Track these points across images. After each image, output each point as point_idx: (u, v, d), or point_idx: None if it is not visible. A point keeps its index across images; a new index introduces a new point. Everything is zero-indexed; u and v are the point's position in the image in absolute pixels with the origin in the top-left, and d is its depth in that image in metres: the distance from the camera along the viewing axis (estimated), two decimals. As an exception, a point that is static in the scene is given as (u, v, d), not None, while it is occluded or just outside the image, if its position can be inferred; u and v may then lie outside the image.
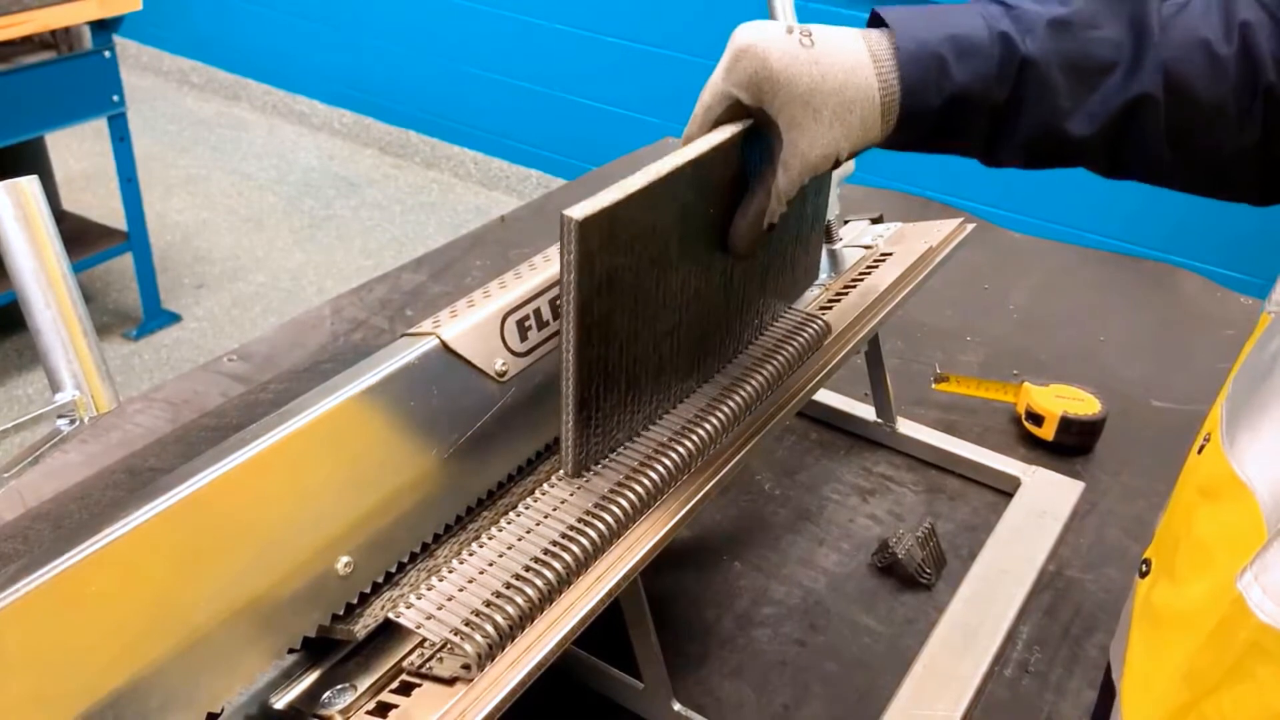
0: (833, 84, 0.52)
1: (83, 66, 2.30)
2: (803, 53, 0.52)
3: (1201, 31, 0.52)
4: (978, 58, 0.53)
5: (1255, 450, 0.39)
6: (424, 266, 1.24)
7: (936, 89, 0.53)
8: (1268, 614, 0.34)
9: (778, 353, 0.70)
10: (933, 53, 0.53)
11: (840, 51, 0.53)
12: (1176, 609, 0.41)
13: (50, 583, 0.40)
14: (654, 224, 0.55)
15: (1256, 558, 0.36)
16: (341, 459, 0.51)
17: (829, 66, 0.53)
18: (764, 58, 0.52)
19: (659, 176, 0.53)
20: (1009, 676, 0.74)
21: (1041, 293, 1.26)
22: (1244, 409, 0.41)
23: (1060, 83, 0.54)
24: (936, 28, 0.54)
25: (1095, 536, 0.87)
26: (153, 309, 2.69)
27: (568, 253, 0.50)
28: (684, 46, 2.95)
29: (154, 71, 4.40)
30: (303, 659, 0.51)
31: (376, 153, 3.76)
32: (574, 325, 0.52)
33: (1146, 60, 0.53)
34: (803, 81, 0.52)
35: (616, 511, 0.56)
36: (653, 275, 0.57)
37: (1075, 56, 0.53)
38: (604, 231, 0.51)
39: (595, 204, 0.50)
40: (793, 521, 0.88)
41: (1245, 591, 0.35)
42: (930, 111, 0.54)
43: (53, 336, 0.45)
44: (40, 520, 0.80)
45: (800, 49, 0.52)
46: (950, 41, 0.53)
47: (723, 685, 0.73)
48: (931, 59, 0.53)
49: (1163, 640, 0.42)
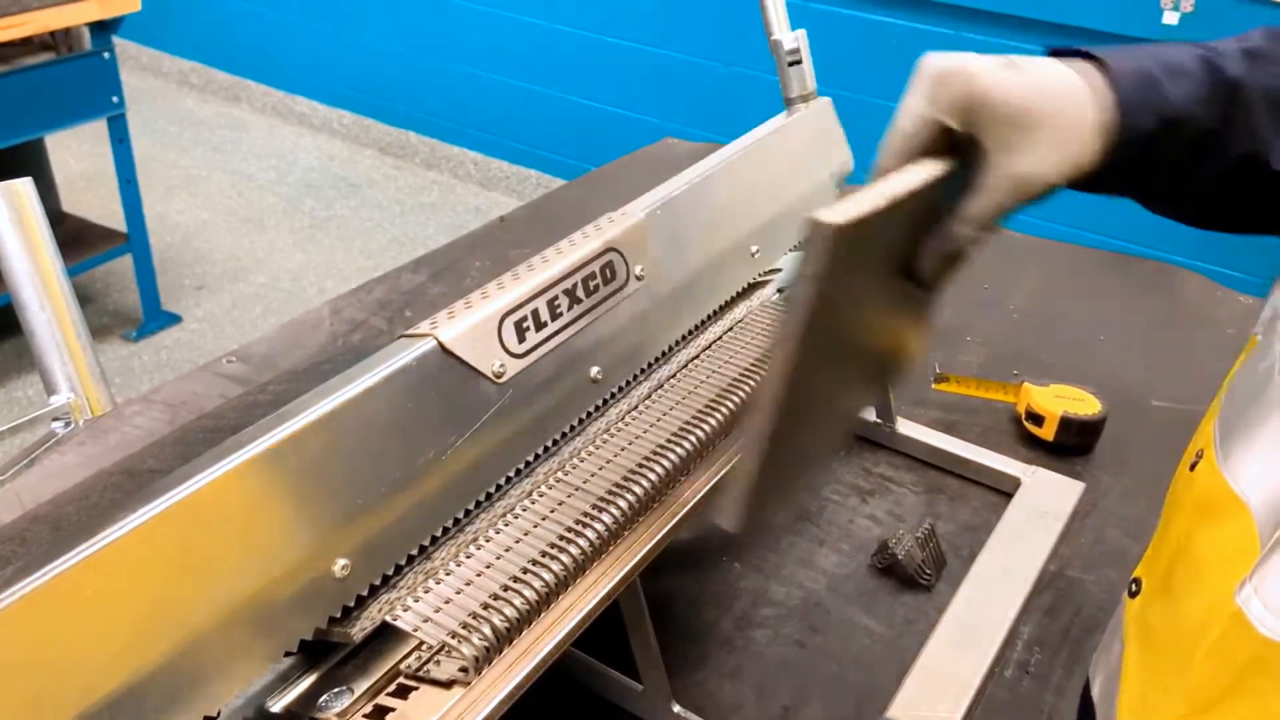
0: (1049, 105, 0.50)
1: (82, 68, 2.30)
2: (1012, 74, 0.50)
3: None
4: (1187, 78, 0.51)
5: (1250, 465, 0.39)
6: (423, 267, 1.24)
7: (1153, 109, 0.50)
8: (1269, 628, 0.34)
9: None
10: (1146, 70, 0.50)
11: (1050, 73, 0.51)
12: (1173, 626, 0.41)
13: (48, 585, 0.40)
14: (879, 245, 0.49)
15: (1255, 571, 0.35)
16: (340, 461, 0.50)
17: (1041, 87, 0.50)
18: (973, 77, 0.50)
19: (902, 194, 0.47)
20: (1009, 677, 0.74)
21: (1041, 292, 1.25)
22: (1238, 425, 0.41)
23: (1263, 111, 0.51)
24: (1141, 54, 0.52)
25: (1095, 536, 0.87)
26: (152, 310, 2.69)
27: (811, 261, 0.42)
28: (683, 47, 2.95)
29: (154, 72, 4.40)
30: (300, 662, 0.51)
31: (376, 153, 3.76)
32: (794, 347, 0.44)
33: None
34: (1015, 101, 0.49)
35: (615, 513, 0.56)
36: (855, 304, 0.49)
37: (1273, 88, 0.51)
38: (850, 243, 0.43)
39: (851, 210, 0.42)
40: (792, 522, 0.88)
41: (1244, 605, 0.35)
42: (1142, 136, 0.50)
43: (47, 339, 0.45)
44: (38, 522, 0.80)
45: (1007, 70, 0.50)
46: (1159, 63, 0.51)
47: (722, 687, 0.73)
48: (1145, 76, 0.50)
49: (1159, 659, 0.41)
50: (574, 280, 0.63)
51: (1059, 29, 2.30)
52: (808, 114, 0.87)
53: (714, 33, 2.87)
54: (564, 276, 0.62)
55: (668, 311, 0.70)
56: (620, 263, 0.66)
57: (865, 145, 1.02)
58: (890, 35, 2.54)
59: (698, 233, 0.73)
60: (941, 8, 2.43)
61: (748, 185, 0.79)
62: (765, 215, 0.80)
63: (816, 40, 0.88)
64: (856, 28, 2.58)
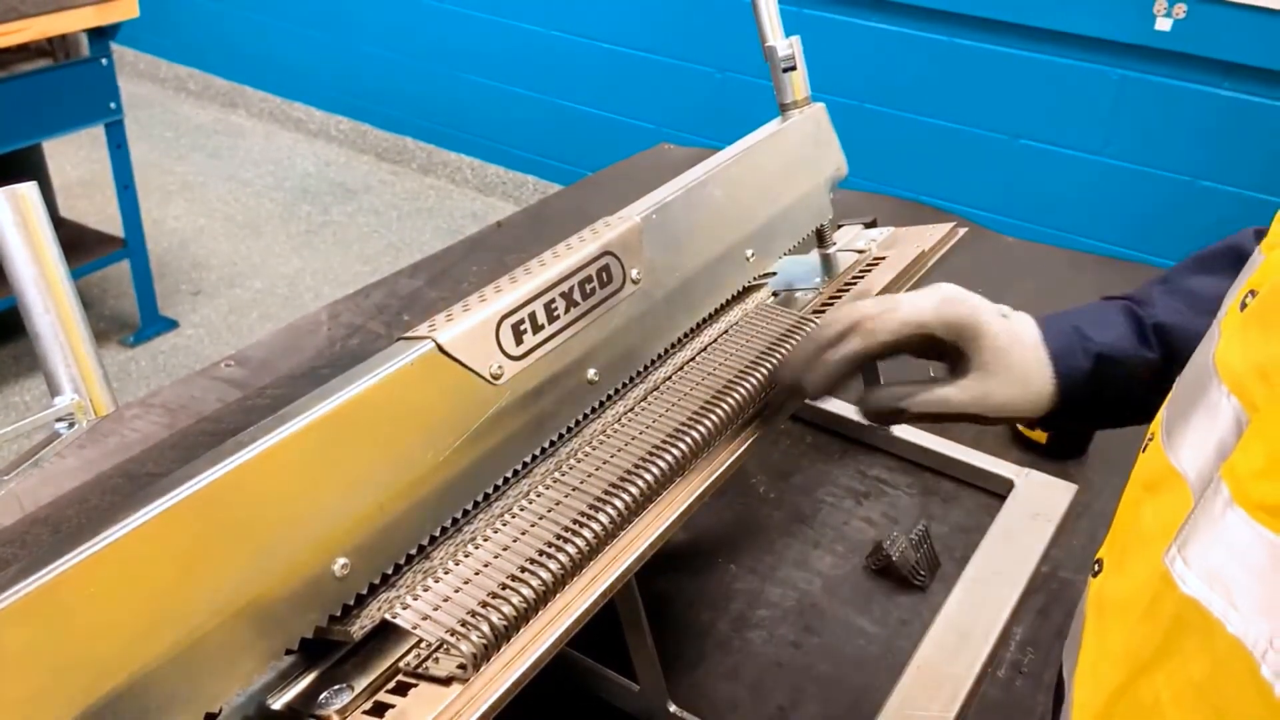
0: (1022, 351, 0.61)
1: (80, 74, 2.31)
2: (1002, 320, 0.62)
3: None
4: (1111, 325, 0.61)
5: (1187, 440, 0.41)
6: (420, 272, 1.25)
7: (1083, 351, 0.61)
8: (1189, 586, 0.35)
9: (772, 355, 0.71)
10: (1070, 324, 0.62)
11: (1027, 329, 0.62)
12: (1120, 596, 0.43)
13: (49, 585, 0.41)
14: None
15: (1179, 533, 0.37)
16: (338, 462, 0.51)
17: (1020, 337, 0.62)
18: (977, 310, 0.62)
19: None
20: (1002, 677, 0.75)
21: (1035, 297, 1.26)
22: (1180, 406, 0.44)
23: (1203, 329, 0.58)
24: (1070, 314, 0.64)
25: (1088, 538, 0.88)
26: (150, 315, 2.70)
27: None
28: (679, 53, 2.96)
29: (151, 79, 4.41)
30: (300, 660, 0.51)
31: (373, 159, 3.77)
32: None
33: None
34: (1002, 340, 0.61)
35: (611, 513, 0.57)
36: None
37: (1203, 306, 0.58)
38: None
39: None
40: (787, 524, 0.89)
41: (1170, 565, 0.37)
42: (1084, 372, 0.61)
43: (51, 341, 0.46)
44: (38, 525, 0.81)
45: (1000, 315, 0.62)
46: (1080, 317, 0.63)
47: (718, 687, 0.73)
48: (1070, 328, 0.62)
49: (1108, 629, 0.43)
50: (571, 283, 0.63)
51: (1053, 36, 2.32)
52: (802, 119, 0.88)
53: (709, 39, 2.88)
54: (561, 280, 0.63)
55: (664, 314, 0.71)
56: (616, 266, 0.67)
57: (859, 150, 1.03)
58: (884, 41, 2.56)
59: (693, 237, 0.74)
60: (935, 14, 2.45)
61: (742, 190, 0.80)
62: (760, 219, 0.80)
63: (810, 46, 0.88)
64: (850, 34, 2.60)
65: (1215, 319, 0.46)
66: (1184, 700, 0.35)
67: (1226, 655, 0.33)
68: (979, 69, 2.45)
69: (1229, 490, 0.35)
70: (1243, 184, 2.23)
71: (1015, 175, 2.47)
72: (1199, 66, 2.18)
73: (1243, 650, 0.33)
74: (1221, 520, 0.35)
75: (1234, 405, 0.39)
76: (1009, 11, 2.34)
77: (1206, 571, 0.35)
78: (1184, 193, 2.29)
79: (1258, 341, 0.39)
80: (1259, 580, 0.33)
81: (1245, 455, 0.36)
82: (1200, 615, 0.35)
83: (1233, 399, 0.39)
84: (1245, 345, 0.40)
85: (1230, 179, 2.24)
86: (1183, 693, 0.35)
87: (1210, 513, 0.36)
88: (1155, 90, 2.26)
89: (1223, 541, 0.35)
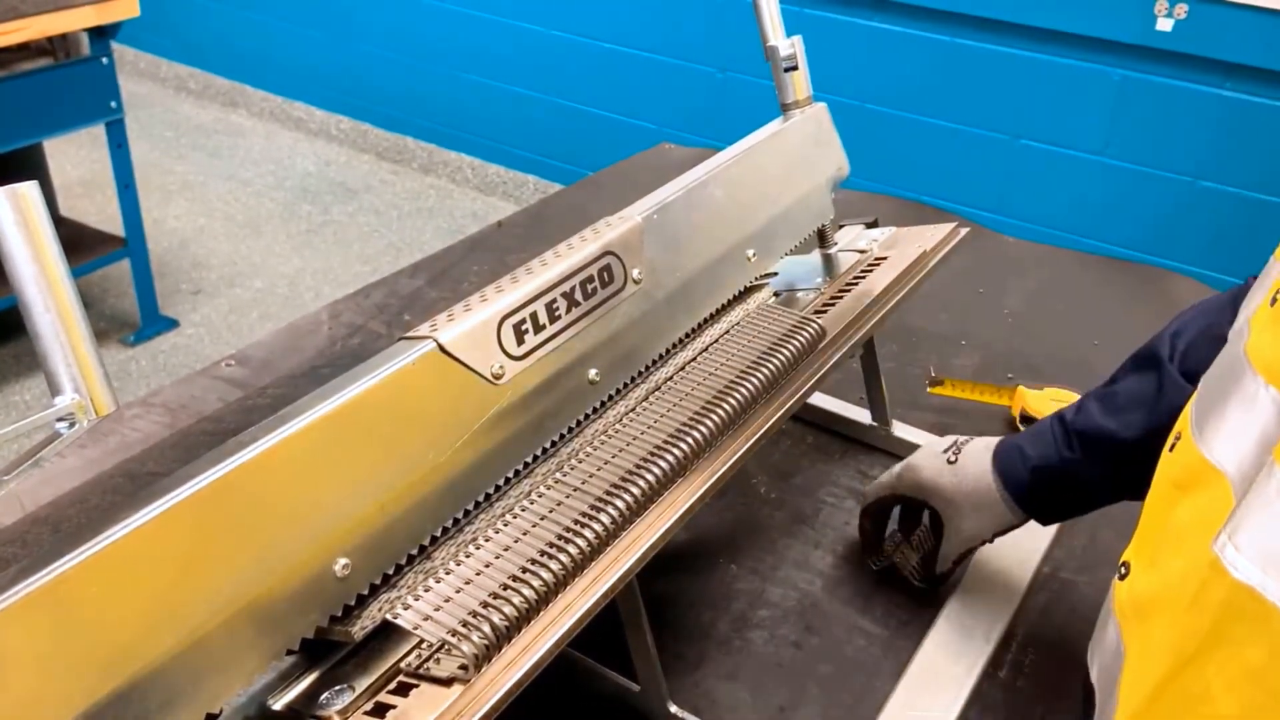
0: (967, 489, 0.74)
1: (80, 73, 2.31)
2: (947, 469, 0.75)
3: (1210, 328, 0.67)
4: (1042, 439, 0.72)
5: (1222, 435, 0.42)
6: (421, 271, 1.25)
7: (1022, 467, 0.72)
8: (1241, 571, 0.36)
9: (773, 356, 0.71)
10: (1015, 445, 0.74)
11: (974, 464, 0.75)
12: (1160, 592, 0.43)
13: (50, 585, 0.41)
14: None
15: (1228, 521, 0.38)
16: (339, 462, 0.51)
17: (964, 477, 0.74)
18: (918, 473, 0.77)
19: None
20: (1004, 678, 0.75)
21: (1035, 297, 1.26)
22: (1212, 406, 0.45)
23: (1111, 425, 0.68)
24: (1018, 437, 0.74)
25: (1089, 538, 0.88)
26: (150, 315, 2.69)
27: None
28: (680, 52, 2.96)
29: (151, 78, 4.41)
30: (301, 660, 0.51)
31: (374, 158, 3.77)
32: None
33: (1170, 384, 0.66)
34: (946, 490, 0.75)
35: (613, 513, 0.56)
36: None
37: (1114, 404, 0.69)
38: None
39: None
40: (788, 524, 0.89)
41: (1220, 553, 0.37)
42: (1024, 484, 0.72)
43: (52, 341, 0.46)
44: (39, 524, 0.81)
45: (946, 466, 0.76)
46: (1026, 436, 0.74)
47: (719, 687, 0.73)
48: (1014, 449, 0.73)
49: (1149, 626, 0.43)
50: (572, 283, 0.63)
51: (1054, 36, 2.32)
52: (803, 119, 0.88)
53: (710, 39, 2.88)
54: (562, 280, 0.63)
55: (665, 314, 0.71)
56: (618, 266, 0.67)
57: (860, 150, 1.03)
58: (885, 41, 2.56)
59: (694, 237, 0.74)
60: (937, 14, 2.45)
61: (744, 190, 0.79)
62: (761, 219, 0.80)
63: (812, 46, 0.88)
64: (852, 34, 2.59)
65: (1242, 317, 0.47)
66: (1238, 687, 0.36)
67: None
68: (980, 69, 2.45)
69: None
70: (1243, 184, 2.23)
71: (1016, 175, 2.46)
72: (1200, 67, 2.18)
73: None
74: (1277, 503, 0.35)
75: (1273, 394, 0.40)
76: (1010, 11, 2.34)
77: (1261, 556, 0.35)
78: (1185, 193, 2.29)
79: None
80: None
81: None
82: (1254, 601, 0.35)
83: (1270, 389, 0.40)
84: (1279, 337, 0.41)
85: (1231, 179, 2.24)
86: (1236, 680, 0.36)
87: (1264, 496, 0.36)
88: (1156, 91, 2.26)
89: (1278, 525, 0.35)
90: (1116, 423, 0.68)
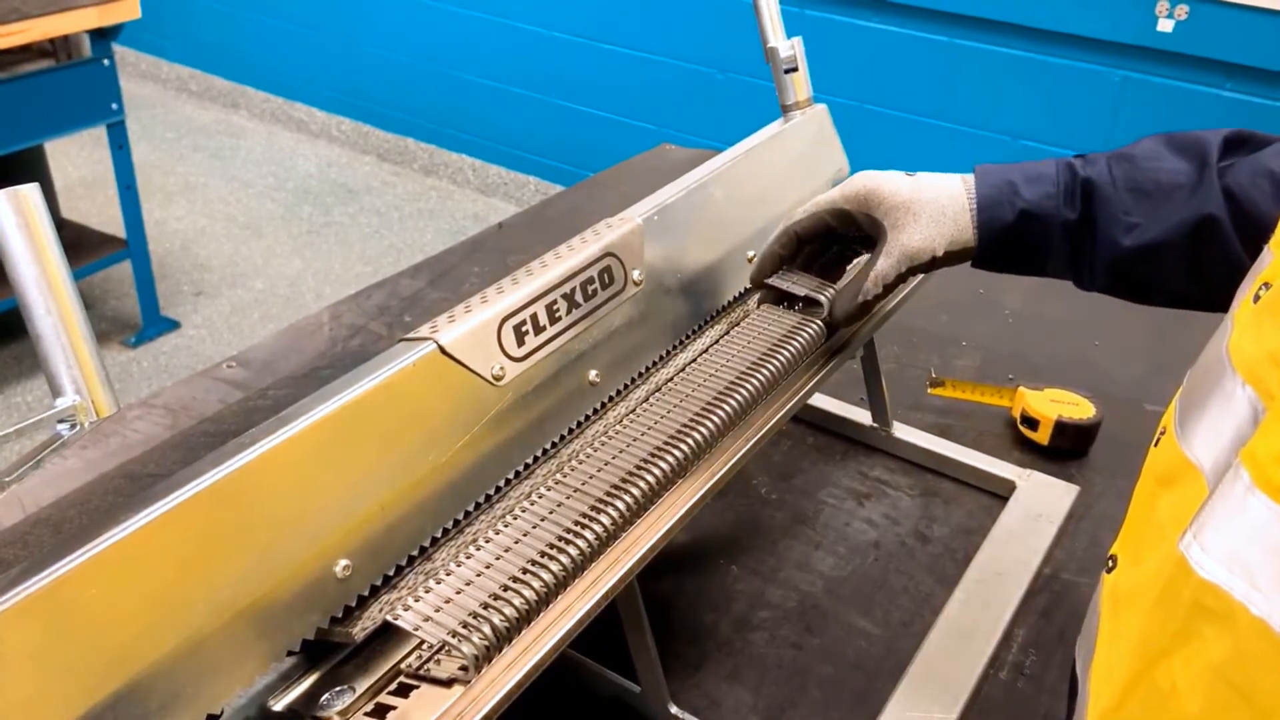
0: (928, 195, 0.67)
1: (82, 75, 2.31)
2: (904, 178, 0.69)
3: (1270, 164, 0.61)
4: (1044, 182, 0.66)
5: (1201, 432, 0.43)
6: (422, 273, 1.25)
7: (1009, 205, 0.66)
8: (1207, 570, 0.36)
9: (774, 357, 0.71)
10: (1005, 177, 0.67)
11: (935, 181, 0.68)
12: (1132, 587, 0.43)
13: (51, 586, 0.41)
14: None
15: (1194, 519, 0.38)
16: (340, 463, 0.51)
17: (925, 187, 0.68)
18: (874, 179, 0.69)
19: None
20: (1004, 679, 0.75)
21: (1036, 297, 1.26)
22: (1193, 402, 0.45)
23: (1126, 201, 0.64)
24: (1013, 168, 0.67)
25: (1090, 539, 0.88)
26: (151, 316, 2.70)
27: None
28: (680, 53, 2.96)
29: (153, 79, 4.41)
30: (301, 661, 0.51)
31: (375, 160, 3.77)
32: None
33: (1208, 185, 0.62)
34: (903, 194, 0.68)
35: (613, 514, 0.56)
36: None
37: (1138, 180, 0.64)
38: None
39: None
40: (789, 525, 0.89)
41: (1185, 551, 0.37)
42: (1006, 225, 0.66)
43: (53, 342, 0.46)
44: (40, 525, 0.81)
45: (901, 177, 0.69)
46: (1021, 171, 0.67)
47: (719, 688, 0.73)
48: (1003, 181, 0.67)
49: (1120, 622, 0.43)
50: (572, 285, 0.63)
51: (1054, 37, 2.32)
52: (804, 120, 0.88)
53: (710, 40, 2.88)
54: (562, 281, 0.63)
55: (665, 315, 0.71)
56: (618, 267, 0.67)
57: (861, 151, 1.03)
58: (885, 42, 2.56)
59: (694, 238, 0.74)
60: (937, 15, 2.45)
61: (744, 191, 0.80)
62: (761, 221, 0.80)
63: (812, 47, 0.88)
64: (852, 35, 2.60)
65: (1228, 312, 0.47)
66: (1201, 684, 0.36)
67: (1250, 637, 0.34)
68: (980, 70, 2.45)
69: (1249, 475, 0.35)
70: (1244, 185, 2.23)
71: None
72: (1201, 67, 2.18)
73: (1268, 631, 0.33)
74: (1242, 505, 0.35)
75: (1249, 394, 0.40)
76: (1010, 12, 2.34)
77: (1226, 555, 0.35)
78: (1186, 194, 2.29)
79: (1272, 332, 0.40)
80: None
81: (1265, 440, 0.36)
82: (1219, 599, 0.35)
83: (1248, 388, 0.40)
84: (1260, 336, 0.41)
85: (1232, 180, 2.24)
86: (1200, 676, 0.36)
87: (1229, 498, 0.36)
88: (1157, 91, 2.26)
89: (1243, 525, 0.35)
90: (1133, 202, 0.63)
